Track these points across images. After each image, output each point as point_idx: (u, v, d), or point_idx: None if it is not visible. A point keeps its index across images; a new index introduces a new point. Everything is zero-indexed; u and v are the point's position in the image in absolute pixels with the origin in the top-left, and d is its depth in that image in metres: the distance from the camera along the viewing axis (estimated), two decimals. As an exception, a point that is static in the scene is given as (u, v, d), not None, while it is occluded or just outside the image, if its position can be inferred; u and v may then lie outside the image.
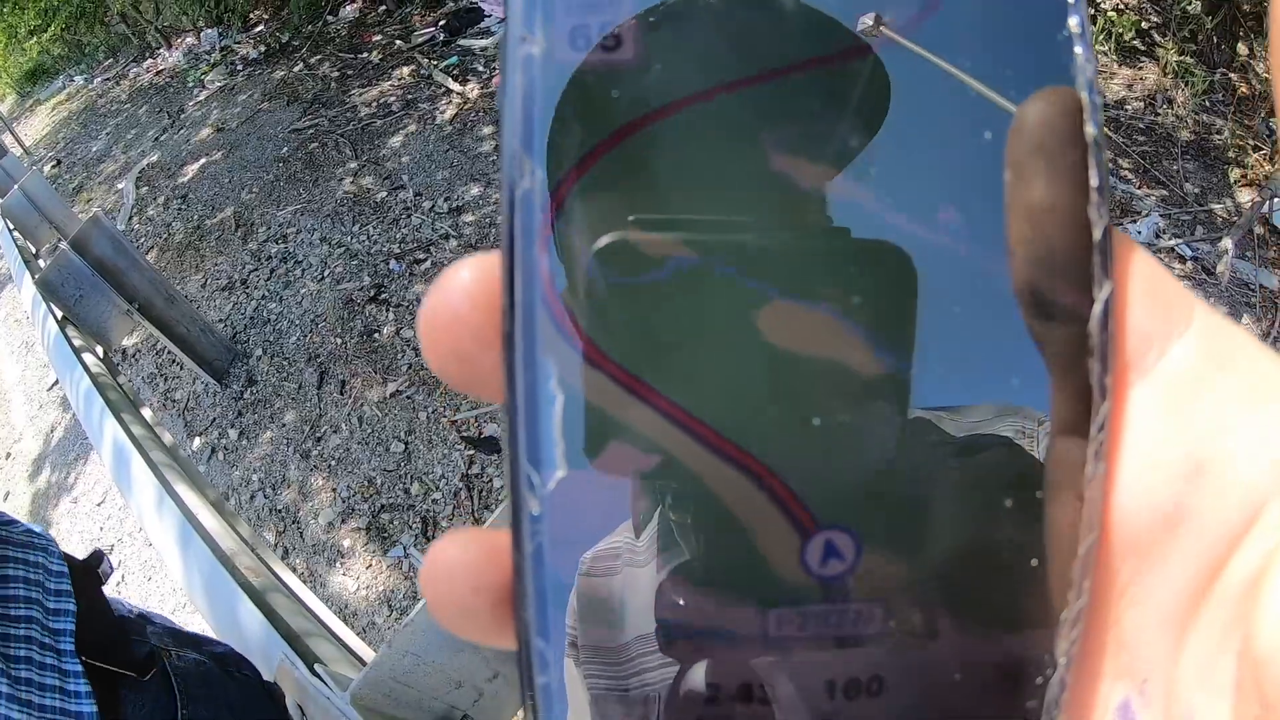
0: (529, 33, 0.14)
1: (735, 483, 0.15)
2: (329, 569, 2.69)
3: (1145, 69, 3.75)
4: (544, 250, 0.15)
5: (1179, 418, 0.16)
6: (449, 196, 4.08)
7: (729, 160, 0.14)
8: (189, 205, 5.05)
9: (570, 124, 0.14)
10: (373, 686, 1.14)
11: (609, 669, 0.16)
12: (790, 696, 0.16)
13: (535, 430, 0.15)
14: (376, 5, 6.77)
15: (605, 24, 0.14)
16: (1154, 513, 0.16)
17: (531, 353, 0.15)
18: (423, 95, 5.10)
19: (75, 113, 8.49)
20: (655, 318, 0.14)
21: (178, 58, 7.99)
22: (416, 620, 1.12)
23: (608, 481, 0.15)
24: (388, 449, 2.95)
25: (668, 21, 0.14)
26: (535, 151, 0.14)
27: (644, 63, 0.14)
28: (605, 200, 0.14)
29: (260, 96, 6.09)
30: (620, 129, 0.14)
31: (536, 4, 0.14)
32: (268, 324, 3.75)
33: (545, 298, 0.15)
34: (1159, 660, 0.16)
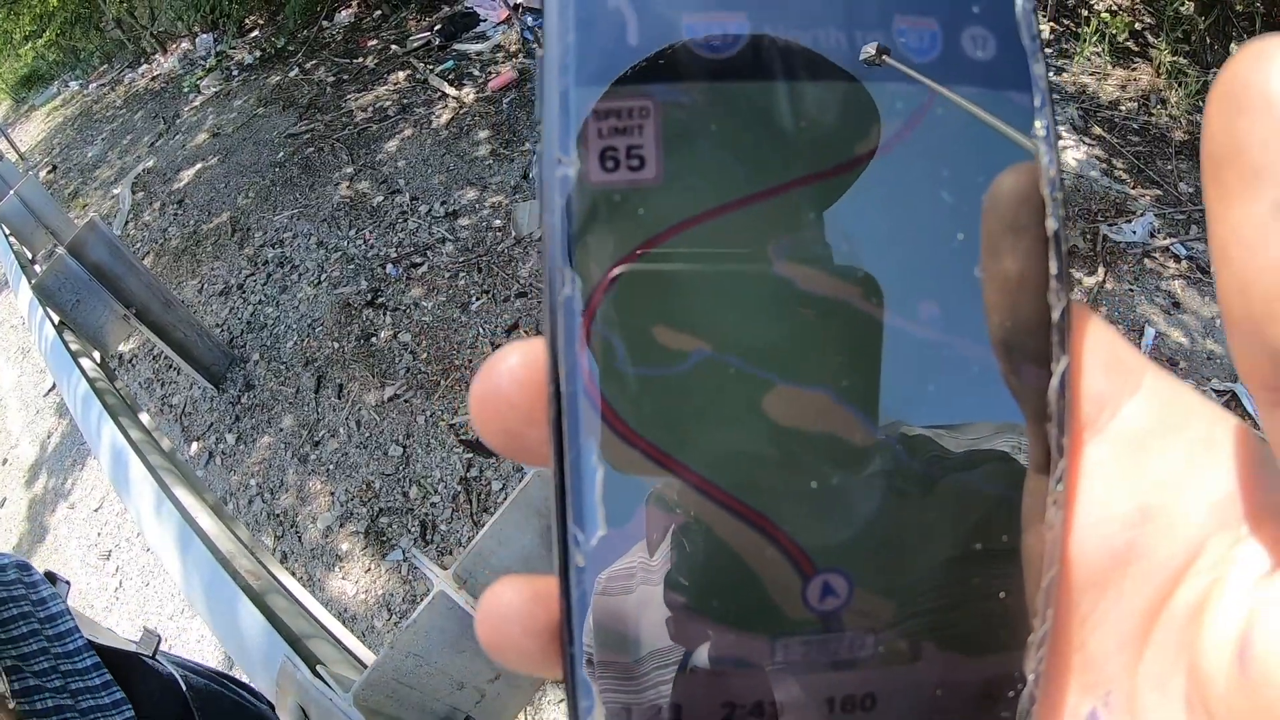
0: (564, 155, 0.17)
1: (747, 536, 0.17)
2: (327, 573, 2.69)
3: (1139, 70, 3.77)
4: (583, 348, 0.17)
5: (1129, 470, 0.18)
6: (445, 200, 4.08)
7: (735, 266, 0.17)
8: (185, 210, 5.05)
9: (602, 238, 0.17)
10: (375, 688, 1.13)
11: (625, 684, 0.18)
12: (795, 712, 0.18)
13: (580, 498, 0.18)
14: (372, 10, 6.77)
15: (631, 146, 0.16)
16: (1108, 552, 0.18)
17: (575, 434, 0.17)
18: (418, 100, 5.10)
19: (70, 118, 8.48)
20: (676, 404, 0.17)
21: (173, 63, 7.98)
22: (419, 621, 1.12)
23: (640, 540, 0.18)
24: (386, 453, 2.95)
25: (683, 144, 0.16)
26: (574, 263, 0.17)
27: (664, 182, 0.17)
28: (631, 305, 0.17)
29: (256, 102, 6.09)
30: (644, 243, 0.17)
31: (570, 130, 0.16)
32: (264, 329, 3.75)
33: (586, 389, 0.17)
34: (1119, 675, 0.18)
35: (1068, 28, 4.09)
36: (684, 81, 0.16)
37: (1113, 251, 2.96)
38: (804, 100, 0.17)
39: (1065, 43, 4.04)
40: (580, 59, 0.16)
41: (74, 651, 0.91)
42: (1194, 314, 2.76)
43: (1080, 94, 3.75)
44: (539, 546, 1.27)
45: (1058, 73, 3.88)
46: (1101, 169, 3.34)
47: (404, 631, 1.11)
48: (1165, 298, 2.82)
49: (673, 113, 0.16)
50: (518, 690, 1.53)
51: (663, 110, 0.16)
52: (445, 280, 3.59)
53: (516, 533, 1.19)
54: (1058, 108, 3.63)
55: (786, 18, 0.17)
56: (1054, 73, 3.88)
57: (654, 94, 0.16)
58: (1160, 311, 2.76)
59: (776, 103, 0.17)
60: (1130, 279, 2.89)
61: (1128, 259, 2.94)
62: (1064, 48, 4.01)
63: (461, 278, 3.57)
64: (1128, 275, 2.89)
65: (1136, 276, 2.89)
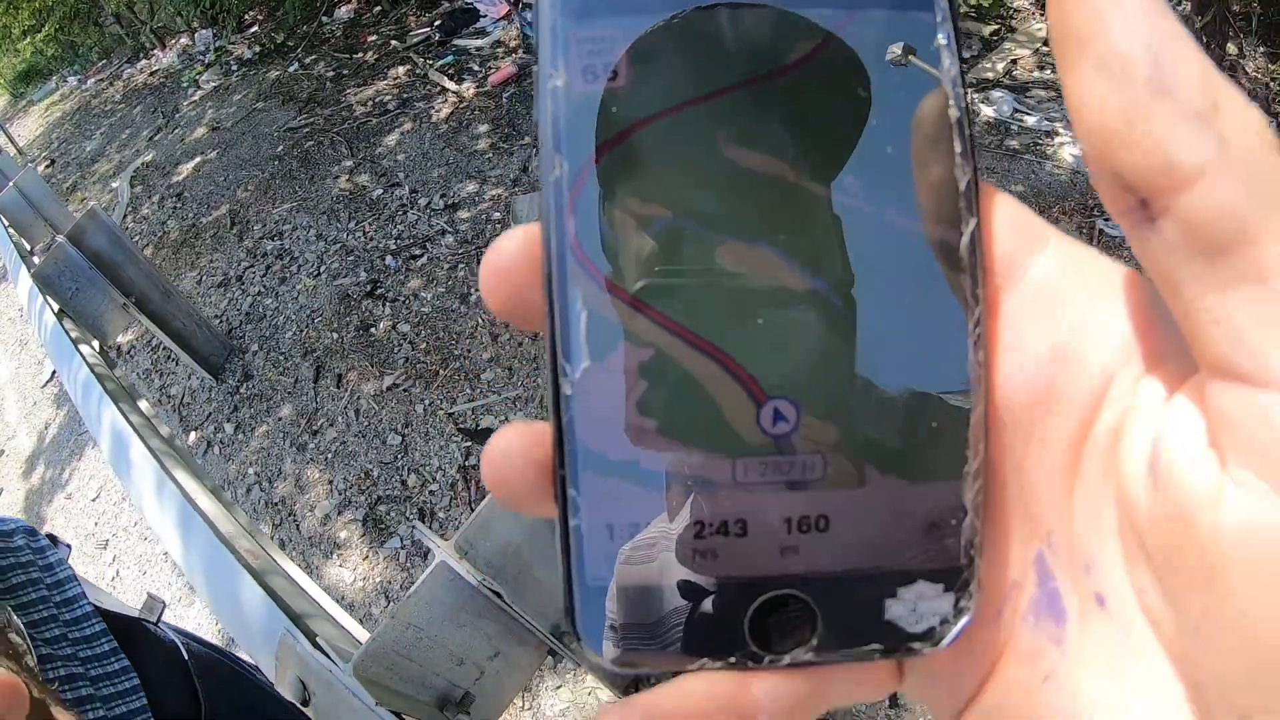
0: (554, 71, 0.21)
1: (706, 367, 0.20)
2: (325, 560, 2.69)
3: (1135, 66, 3.78)
4: (569, 216, 0.20)
5: (1041, 316, 0.20)
6: (445, 193, 4.09)
7: (689, 150, 0.21)
8: (184, 203, 5.05)
9: (583, 132, 0.20)
10: (375, 659, 1.14)
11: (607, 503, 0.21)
12: (758, 529, 0.20)
13: (568, 338, 0.20)
14: (371, 6, 6.78)
15: (606, 64, 0.20)
16: (1031, 391, 0.20)
17: (563, 286, 0.20)
18: (418, 94, 5.11)
19: (69, 113, 8.48)
20: (645, 258, 0.20)
21: (172, 59, 7.99)
22: (419, 592, 1.13)
23: (618, 370, 0.21)
24: (384, 442, 2.96)
25: (646, 61, 0.20)
26: (563, 150, 0.20)
27: (632, 88, 0.20)
28: (610, 182, 0.20)
29: (255, 96, 6.09)
30: (617, 134, 0.20)
31: (559, 51, 0.20)
32: (263, 319, 3.75)
33: (571, 248, 0.20)
34: (1057, 517, 0.20)
35: (1065, 25, 4.11)
36: (645, 14, 0.20)
37: (1109, 246, 2.98)
38: (741, 23, 0.20)
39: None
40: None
41: (81, 618, 0.91)
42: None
43: (1077, 90, 3.77)
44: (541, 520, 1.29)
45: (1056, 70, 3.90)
46: (1098, 164, 3.36)
47: (405, 602, 1.12)
48: (1160, 290, 2.84)
49: (638, 37, 0.20)
50: (516, 670, 1.54)
51: (630, 35, 0.20)
52: (444, 272, 3.60)
53: (517, 505, 1.19)
54: (1056, 105, 3.65)
55: None
56: (1052, 71, 3.90)
57: (622, 24, 0.20)
58: (1155, 304, 2.79)
59: (719, 27, 0.20)
60: (1126, 272, 2.91)
61: (1123, 254, 2.96)
62: (1061, 45, 4.03)
63: (461, 269, 3.58)
64: (1123, 268, 2.92)
65: (1132, 269, 2.91)
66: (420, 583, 1.12)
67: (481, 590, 1.09)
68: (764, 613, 0.20)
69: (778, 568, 0.20)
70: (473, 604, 1.25)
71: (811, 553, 0.20)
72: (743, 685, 0.21)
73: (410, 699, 1.25)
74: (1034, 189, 3.31)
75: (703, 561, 0.20)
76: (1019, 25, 4.23)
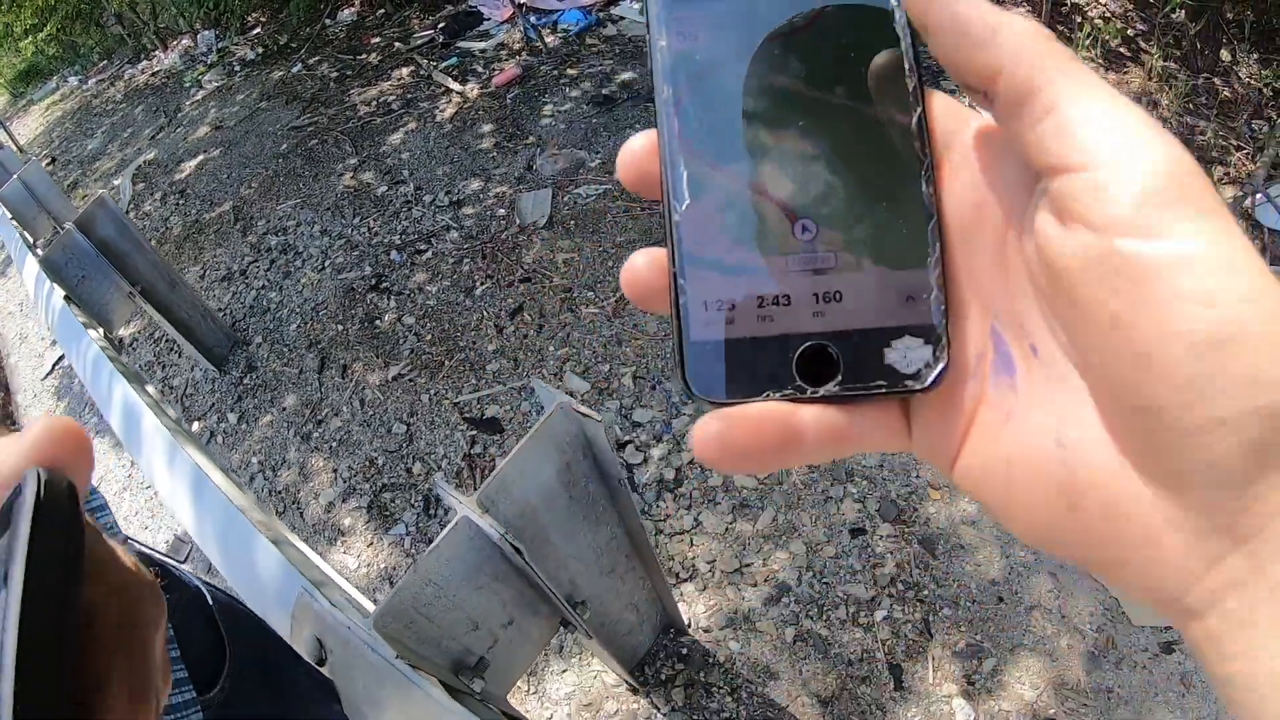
0: (660, 35, 0.31)
1: (761, 201, 0.30)
2: (329, 548, 2.71)
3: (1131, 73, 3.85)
4: (674, 118, 0.31)
5: (969, 165, 0.29)
6: (450, 191, 4.12)
7: (739, 86, 0.31)
8: (187, 200, 5.07)
9: (679, 71, 0.31)
10: (395, 614, 1.16)
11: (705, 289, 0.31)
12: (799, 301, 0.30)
13: (676, 186, 0.31)
14: (375, 8, 6.83)
15: (688, 31, 0.31)
16: (967, 212, 0.29)
17: (672, 157, 0.31)
18: (422, 95, 5.15)
19: (69, 112, 8.49)
20: (718, 139, 0.31)
21: (174, 59, 8.02)
22: (441, 547, 1.15)
23: (706, 205, 0.31)
24: (389, 430, 2.98)
25: (711, 28, 0.31)
26: (668, 82, 0.31)
27: (702, 44, 0.31)
28: (694, 99, 0.31)
29: (258, 96, 6.13)
30: (699, 72, 0.31)
31: (662, 24, 0.31)
32: (267, 312, 3.77)
33: (677, 135, 0.31)
34: (999, 297, 0.28)
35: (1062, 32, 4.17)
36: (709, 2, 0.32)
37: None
38: (774, 8, 0.31)
39: (1060, 46, 4.11)
40: None
41: None
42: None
43: (1074, 94, 3.83)
44: (556, 483, 1.31)
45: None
46: (1095, 165, 3.41)
47: (426, 556, 1.14)
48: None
49: (704, 14, 0.32)
50: (527, 641, 1.57)
51: (700, 14, 0.32)
52: (449, 266, 3.63)
53: (538, 465, 1.22)
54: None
55: None
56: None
57: (696, 7, 0.32)
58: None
59: (756, 5, 0.31)
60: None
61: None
62: (1058, 51, 4.09)
63: (465, 264, 3.61)
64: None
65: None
66: (442, 538, 1.14)
67: (503, 545, 1.12)
68: (804, 359, 0.30)
69: (811, 326, 0.30)
70: (491, 565, 1.28)
71: (832, 316, 0.30)
72: (793, 410, 0.29)
73: (427, 660, 1.27)
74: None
75: (764, 324, 0.30)
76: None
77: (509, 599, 1.40)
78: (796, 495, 2.42)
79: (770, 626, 2.16)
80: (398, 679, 1.10)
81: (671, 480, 2.54)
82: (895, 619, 2.11)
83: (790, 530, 2.34)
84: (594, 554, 1.54)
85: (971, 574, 2.16)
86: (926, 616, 2.10)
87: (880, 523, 2.31)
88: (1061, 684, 1.93)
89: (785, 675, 2.06)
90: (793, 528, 2.34)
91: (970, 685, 1.97)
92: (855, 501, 2.37)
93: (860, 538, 2.29)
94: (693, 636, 2.17)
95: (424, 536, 2.62)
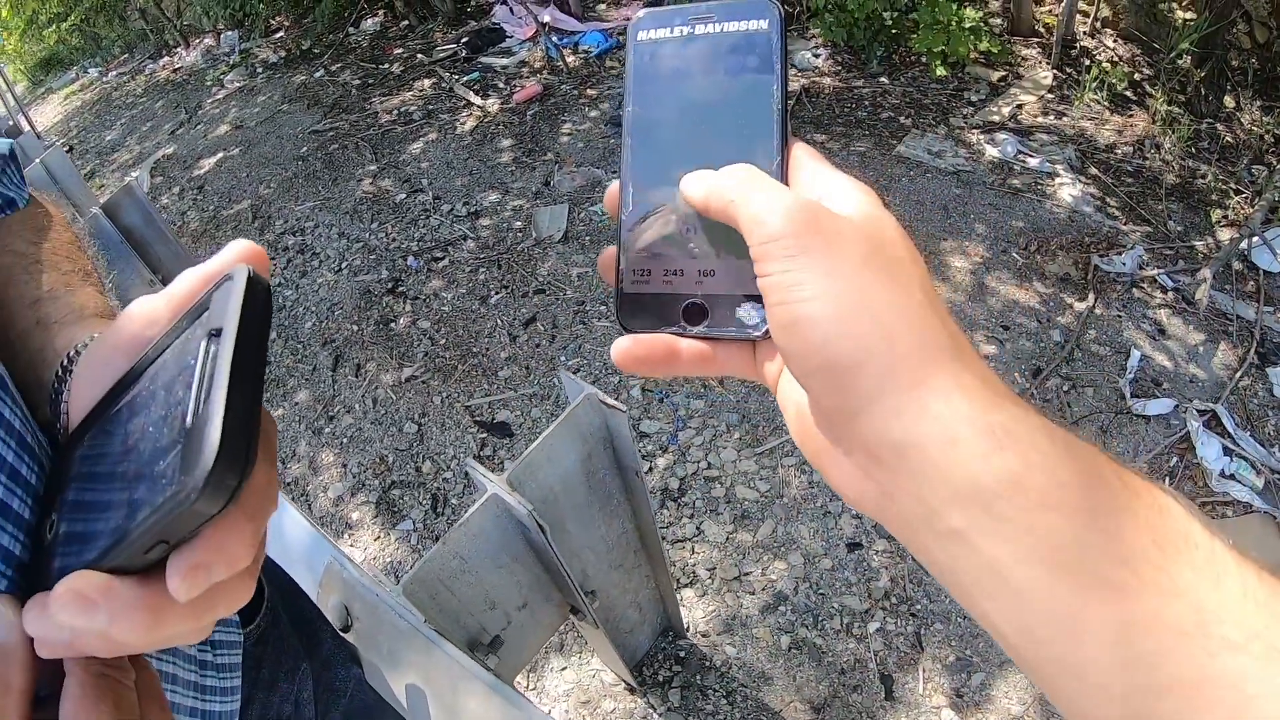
0: (629, 103, 0.46)
1: (670, 214, 0.44)
2: (336, 540, 2.76)
3: (1135, 117, 3.97)
4: (630, 159, 0.45)
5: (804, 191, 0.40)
6: (467, 201, 4.22)
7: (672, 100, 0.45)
8: (205, 196, 5.16)
9: (636, 129, 0.45)
10: (422, 583, 1.22)
11: (640, 282, 0.45)
12: (687, 273, 0.43)
13: (624, 201, 0.45)
14: (398, 20, 6.96)
15: (648, 101, 0.46)
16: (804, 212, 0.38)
17: (625, 184, 0.45)
18: (443, 106, 5.26)
19: (89, 103, 8.59)
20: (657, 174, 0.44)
21: (195, 57, 8.13)
22: (470, 522, 1.22)
23: (643, 214, 0.45)
24: (400, 429, 3.04)
25: (653, 72, 0.46)
26: (630, 134, 0.45)
27: (655, 113, 0.45)
28: (643, 149, 0.45)
29: (280, 98, 6.23)
30: (646, 130, 0.45)
31: (631, 95, 0.46)
32: (283, 309, 3.85)
33: (629, 169, 0.45)
34: None
35: (1070, 75, 4.30)
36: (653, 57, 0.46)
37: (1103, 280, 3.12)
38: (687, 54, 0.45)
39: (1067, 89, 4.24)
40: None
41: None
42: (1178, 340, 2.91)
43: (1079, 136, 3.95)
44: (578, 472, 1.39)
45: (1059, 117, 4.08)
46: (1096, 205, 3.51)
47: (456, 529, 1.21)
48: (1151, 325, 2.97)
49: (648, 62, 0.46)
50: (539, 627, 1.63)
51: (647, 61, 0.46)
52: (465, 274, 3.71)
53: (563, 452, 1.29)
54: (1057, 149, 3.82)
55: None
56: (1055, 117, 4.08)
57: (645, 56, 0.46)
58: (1146, 337, 2.92)
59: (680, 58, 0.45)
60: (1119, 306, 3.04)
61: (1117, 288, 3.10)
62: (1065, 94, 4.21)
63: (481, 273, 3.70)
64: (1116, 302, 3.05)
65: (1125, 304, 3.05)
66: (470, 514, 1.21)
67: (529, 522, 1.19)
68: (687, 310, 0.43)
69: (693, 290, 0.43)
70: (512, 547, 1.35)
71: (707, 285, 0.43)
72: (676, 340, 0.42)
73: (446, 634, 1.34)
74: (1034, 225, 3.46)
75: (665, 286, 0.44)
76: (1025, 72, 4.42)
77: (526, 582, 1.46)
78: (796, 508, 2.49)
79: (766, 633, 2.22)
80: (421, 643, 1.17)
81: (676, 489, 2.61)
82: (888, 631, 2.18)
83: (789, 542, 2.41)
84: (605, 546, 1.61)
85: (963, 591, 2.23)
86: (918, 630, 2.17)
87: (876, 538, 2.38)
88: (1046, 700, 1.99)
89: (779, 681, 2.13)
90: (791, 539, 2.41)
91: (959, 698, 2.03)
92: (853, 517, 2.44)
93: (857, 552, 2.36)
94: (691, 640, 2.23)
95: (430, 534, 2.68)
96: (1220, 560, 0.28)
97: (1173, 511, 0.30)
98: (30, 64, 10.84)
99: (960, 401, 0.31)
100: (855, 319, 0.33)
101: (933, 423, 0.31)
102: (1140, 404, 2.65)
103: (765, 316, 0.39)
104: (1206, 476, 2.43)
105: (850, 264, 0.34)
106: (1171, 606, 0.27)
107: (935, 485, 0.31)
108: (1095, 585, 0.28)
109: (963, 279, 3.24)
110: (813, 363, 0.34)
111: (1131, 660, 0.27)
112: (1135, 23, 4.28)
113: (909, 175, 3.84)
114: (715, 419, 2.82)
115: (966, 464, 0.30)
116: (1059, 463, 0.30)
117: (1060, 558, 0.28)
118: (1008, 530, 0.29)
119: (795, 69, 4.79)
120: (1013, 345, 2.93)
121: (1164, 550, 0.28)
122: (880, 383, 0.32)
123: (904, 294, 0.34)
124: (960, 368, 0.32)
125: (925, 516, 0.32)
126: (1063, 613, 0.28)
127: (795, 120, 4.37)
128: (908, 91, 4.44)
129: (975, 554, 0.30)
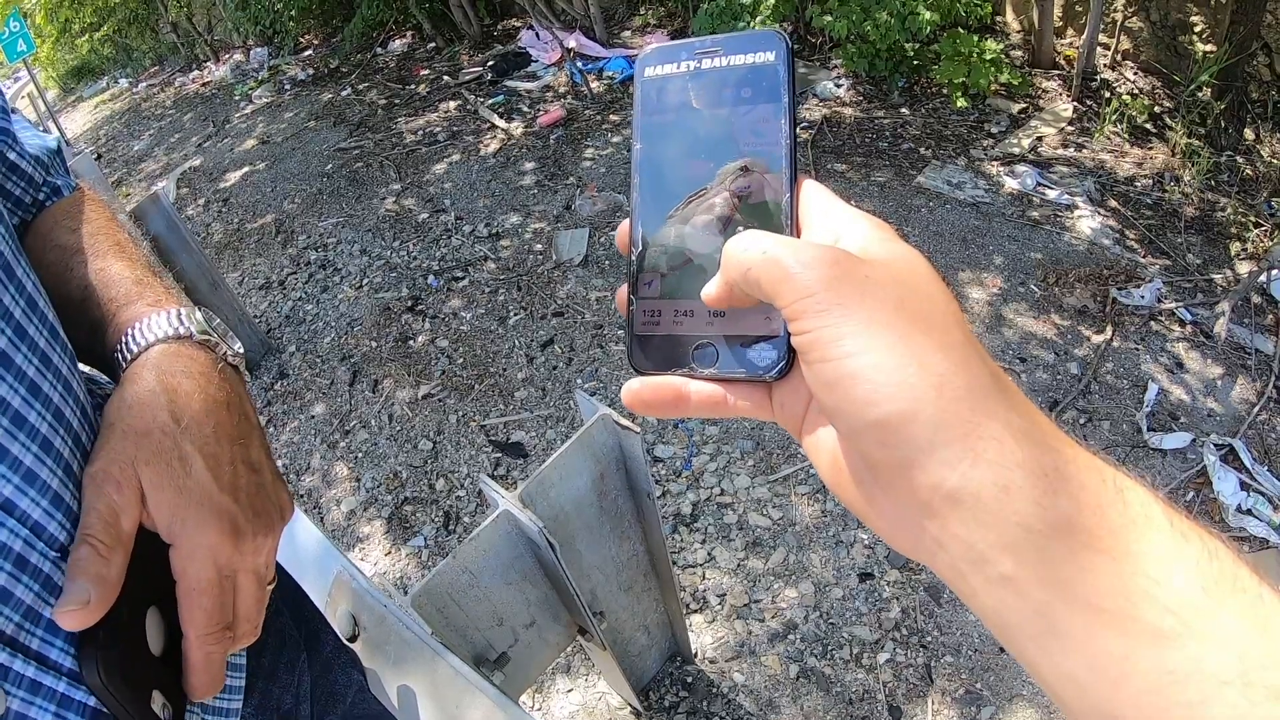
0: (636, 140, 0.46)
1: (680, 253, 0.43)
2: (346, 553, 2.77)
3: (1155, 149, 3.96)
4: (639, 199, 0.45)
5: (820, 223, 0.40)
6: (489, 223, 4.26)
7: (675, 137, 0.45)
8: (230, 208, 5.24)
9: (644, 170, 0.45)
10: (431, 595, 1.23)
11: (649, 325, 0.44)
12: (697, 314, 0.43)
13: (635, 240, 0.45)
14: (426, 42, 7.07)
15: (654, 141, 0.45)
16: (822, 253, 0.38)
17: (634, 223, 0.45)
18: (468, 129, 5.33)
19: (118, 112, 8.76)
20: (665, 213, 0.44)
21: (225, 72, 8.29)
22: (481, 537, 1.23)
23: (654, 254, 0.44)
24: (415, 446, 3.06)
25: (659, 108, 0.46)
26: (637, 173, 0.45)
27: (661, 152, 0.45)
28: (650, 189, 0.45)
29: (307, 115, 6.34)
30: (655, 171, 0.45)
31: (638, 128, 0.46)
32: (303, 323, 3.89)
33: (638, 209, 0.45)
34: None
35: (1090, 108, 4.31)
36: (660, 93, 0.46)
37: (1121, 313, 3.11)
38: (692, 87, 0.45)
39: (1087, 121, 4.24)
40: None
41: None
42: (1195, 374, 2.89)
43: (1099, 169, 3.95)
44: (590, 492, 1.39)
45: (1078, 149, 4.08)
46: (1115, 238, 3.51)
47: (466, 544, 1.21)
48: (1169, 358, 2.95)
49: (656, 93, 0.46)
50: (545, 646, 1.63)
51: (655, 94, 0.47)
52: (485, 295, 3.75)
53: (576, 471, 1.30)
54: (1077, 181, 3.82)
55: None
56: (1075, 149, 4.08)
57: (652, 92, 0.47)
58: (1164, 370, 2.90)
59: (687, 91, 0.45)
60: (1137, 339, 3.03)
61: (1135, 320, 3.08)
62: (1085, 126, 4.22)
63: (501, 294, 3.73)
64: (1134, 335, 3.04)
65: (1142, 337, 3.03)
66: (481, 529, 1.22)
67: (539, 540, 1.19)
68: (696, 351, 0.42)
69: (704, 331, 0.43)
70: (521, 564, 1.36)
71: (717, 327, 0.42)
72: (686, 382, 0.42)
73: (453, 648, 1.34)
74: (1052, 257, 3.45)
75: (676, 328, 0.43)
76: (1045, 105, 4.43)
77: (534, 600, 1.47)
78: (809, 537, 2.48)
79: (775, 661, 2.21)
80: (427, 654, 1.17)
81: (688, 515, 2.61)
82: (898, 662, 2.16)
83: (800, 570, 2.40)
84: (615, 567, 1.62)
85: (974, 623, 2.21)
86: (928, 662, 2.15)
87: (888, 569, 2.37)
88: (1058, 737, 1.97)
89: (787, 710, 2.11)
90: (803, 568, 2.40)
91: (968, 732, 2.01)
92: (865, 547, 2.43)
93: (868, 582, 2.35)
94: (699, 666, 2.22)
95: (441, 550, 2.69)
96: (1268, 605, 0.28)
97: (1221, 556, 0.30)
98: (61, 71, 11.06)
99: (1012, 446, 0.31)
100: (901, 370, 0.32)
101: (986, 469, 0.31)
102: (1157, 438, 2.63)
103: (777, 358, 0.40)
104: (1223, 511, 2.41)
105: (887, 311, 0.34)
106: (1215, 655, 0.27)
107: (987, 532, 0.31)
108: (1140, 633, 0.28)
109: (980, 310, 3.23)
110: (863, 419, 0.33)
111: (1169, 709, 0.27)
112: (1155, 55, 4.29)
113: (928, 206, 3.85)
114: (729, 445, 2.82)
115: (1020, 510, 0.30)
116: (1111, 506, 0.30)
117: (1108, 604, 0.29)
118: (1057, 575, 0.30)
119: (817, 98, 4.82)
120: (1029, 377, 2.92)
121: (1211, 596, 0.28)
122: (933, 434, 0.32)
123: (944, 335, 0.34)
124: (1007, 409, 0.32)
125: (976, 562, 0.32)
126: (1105, 660, 0.29)
127: (817, 149, 4.40)
128: (928, 122, 4.47)
129: (1024, 600, 0.30)
